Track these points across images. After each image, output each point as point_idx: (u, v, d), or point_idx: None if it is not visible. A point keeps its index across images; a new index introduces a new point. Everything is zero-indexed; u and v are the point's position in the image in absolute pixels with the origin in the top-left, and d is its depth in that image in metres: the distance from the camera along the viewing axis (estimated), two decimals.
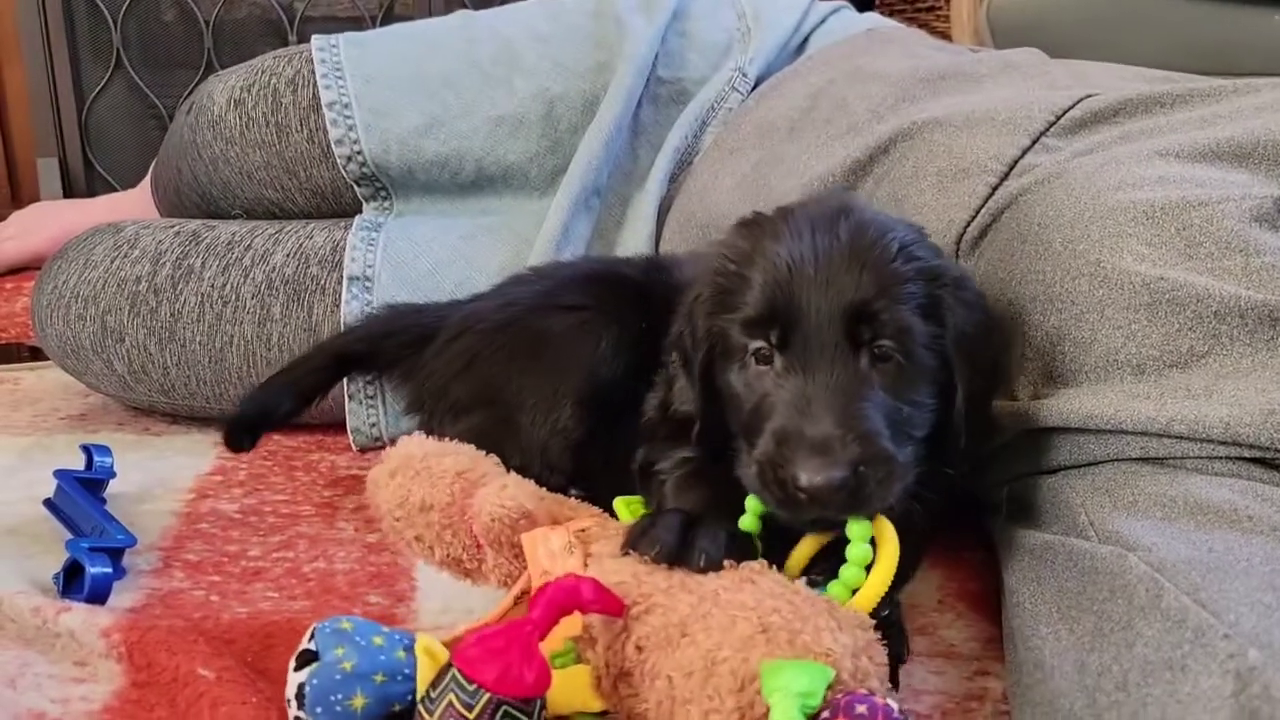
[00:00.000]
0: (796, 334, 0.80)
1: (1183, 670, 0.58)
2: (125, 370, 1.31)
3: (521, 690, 0.67)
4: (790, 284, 0.80)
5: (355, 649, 0.73)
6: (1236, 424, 0.75)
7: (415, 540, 0.92)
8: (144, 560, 1.02)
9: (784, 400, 0.79)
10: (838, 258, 0.80)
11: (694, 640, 0.70)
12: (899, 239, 0.83)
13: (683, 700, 0.69)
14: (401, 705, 0.73)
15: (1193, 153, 0.95)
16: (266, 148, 1.39)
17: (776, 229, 0.85)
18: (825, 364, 0.79)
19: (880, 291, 0.80)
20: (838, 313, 0.79)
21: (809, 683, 0.65)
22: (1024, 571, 0.79)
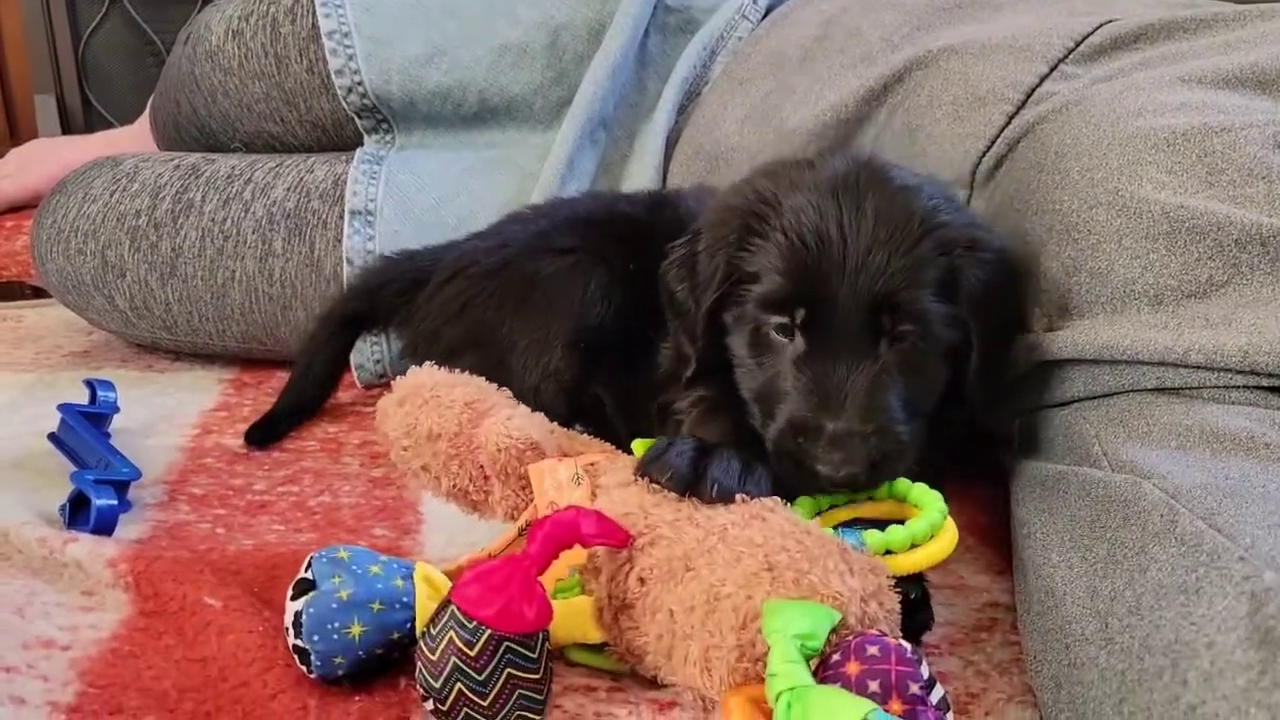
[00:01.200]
0: (821, 317, 0.80)
1: (1197, 593, 0.57)
2: (127, 306, 1.30)
3: (522, 626, 0.66)
4: (818, 265, 0.80)
5: (352, 577, 0.72)
6: (1255, 352, 0.73)
7: (422, 470, 0.91)
8: (149, 493, 1.02)
9: (804, 387, 0.80)
10: (865, 239, 0.80)
11: (698, 575, 0.69)
12: (922, 209, 0.82)
13: (683, 635, 0.68)
14: (400, 633, 0.73)
15: (1215, 79, 0.93)
16: (265, 79, 1.36)
17: (803, 185, 0.84)
18: (847, 352, 0.79)
19: (906, 280, 0.80)
20: (864, 302, 0.79)
21: (811, 624, 0.63)
22: (1036, 502, 0.79)
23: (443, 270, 1.11)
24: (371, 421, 1.18)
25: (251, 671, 0.74)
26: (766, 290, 0.82)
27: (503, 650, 0.66)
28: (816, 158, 0.89)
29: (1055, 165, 0.93)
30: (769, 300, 0.82)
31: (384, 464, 1.09)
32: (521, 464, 0.85)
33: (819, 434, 0.77)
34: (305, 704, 0.72)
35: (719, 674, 0.66)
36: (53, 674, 0.75)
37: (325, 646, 0.71)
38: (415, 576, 0.74)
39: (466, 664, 0.66)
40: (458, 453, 0.89)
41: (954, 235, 0.83)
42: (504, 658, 0.66)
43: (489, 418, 0.89)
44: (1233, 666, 0.52)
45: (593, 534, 0.71)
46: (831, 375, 0.79)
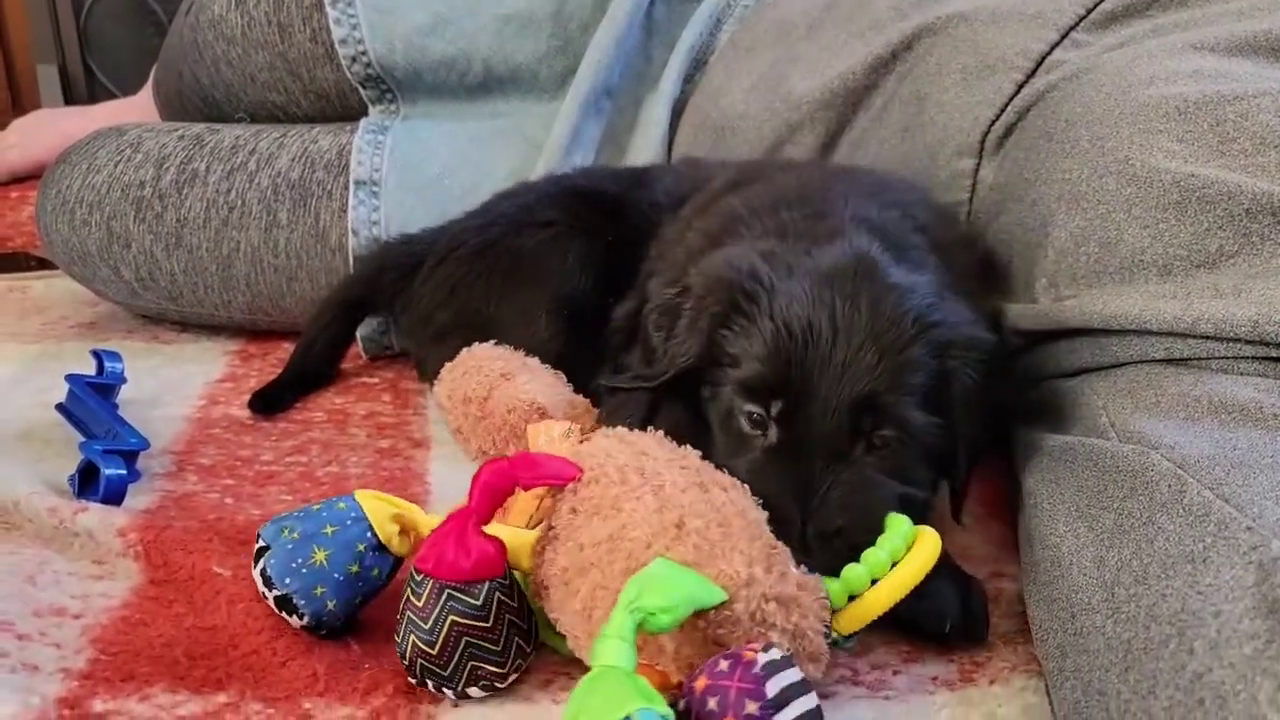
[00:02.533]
0: (799, 414, 0.76)
1: (1204, 562, 0.57)
2: (133, 277, 1.30)
3: (458, 574, 0.67)
4: (803, 358, 0.77)
5: (295, 521, 0.75)
6: (1265, 322, 0.73)
7: (457, 431, 0.99)
8: (157, 464, 1.02)
9: (774, 481, 0.75)
10: (856, 337, 0.77)
11: (618, 514, 0.68)
12: (918, 308, 0.79)
13: (582, 568, 0.68)
14: (365, 544, 0.74)
15: (1228, 46, 0.92)
16: (269, 48, 1.35)
17: (799, 270, 0.81)
18: (822, 451, 0.76)
19: (892, 383, 0.76)
20: (846, 402, 0.76)
21: (671, 598, 0.61)
22: (1043, 473, 0.79)
23: (434, 254, 1.13)
24: (377, 393, 1.20)
25: (261, 639, 0.75)
26: (745, 376, 0.79)
27: (445, 598, 0.67)
28: (814, 250, 0.85)
29: (1065, 134, 0.92)
30: (746, 386, 0.79)
31: (391, 435, 1.10)
32: (527, 424, 0.88)
33: (794, 532, 0.73)
34: (315, 670, 0.72)
35: (597, 617, 0.65)
36: (65, 641, 0.75)
37: (300, 583, 0.73)
38: (357, 496, 0.76)
39: (415, 614, 0.68)
40: (484, 415, 0.94)
41: (948, 337, 0.80)
42: (447, 604, 0.67)
43: (504, 384, 0.92)
44: (1240, 635, 0.52)
45: (529, 477, 0.70)
46: (802, 473, 0.75)
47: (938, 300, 0.82)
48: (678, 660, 0.65)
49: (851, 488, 0.75)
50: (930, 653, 0.76)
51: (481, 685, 0.69)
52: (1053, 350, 0.90)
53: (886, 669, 0.74)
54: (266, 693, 0.71)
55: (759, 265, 0.82)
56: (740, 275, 0.82)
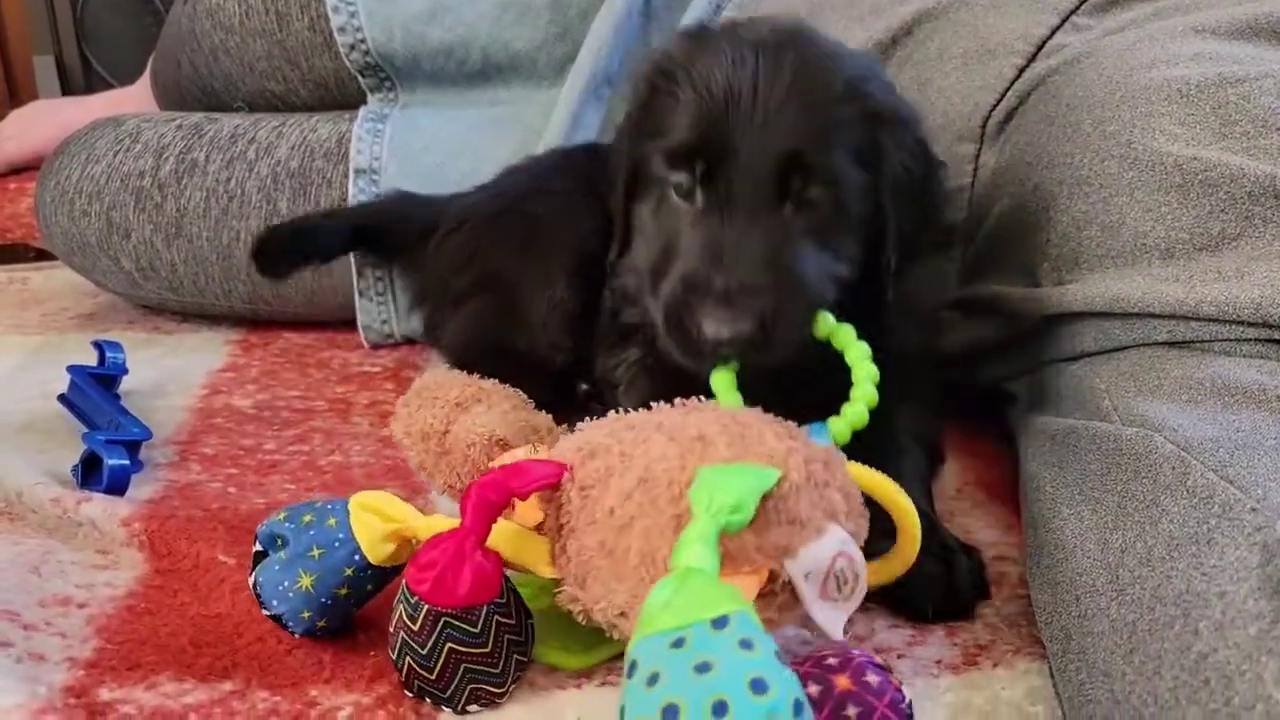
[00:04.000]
0: (722, 172, 0.75)
1: (1209, 544, 0.57)
2: (133, 267, 1.30)
3: (454, 601, 0.64)
4: (724, 116, 0.75)
5: (288, 534, 0.73)
6: (1268, 305, 0.73)
7: (420, 468, 0.91)
8: (160, 454, 1.02)
9: (698, 242, 0.75)
10: (779, 94, 0.75)
11: (633, 465, 0.65)
12: (846, 75, 0.78)
13: (621, 527, 0.64)
14: (354, 567, 0.71)
15: (1230, 29, 0.92)
16: (267, 37, 1.35)
17: (717, 46, 0.79)
18: (747, 208, 0.74)
19: (817, 138, 0.75)
20: (770, 158, 0.74)
21: (739, 491, 0.59)
22: (1045, 457, 0.79)
23: (449, 221, 1.12)
24: (379, 381, 1.20)
25: (266, 627, 0.75)
26: (668, 144, 0.78)
27: (441, 625, 0.65)
28: (744, 21, 0.84)
29: (1066, 118, 0.92)
30: (670, 153, 0.78)
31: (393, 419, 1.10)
32: (490, 458, 0.82)
33: (706, 289, 0.72)
34: (320, 658, 0.72)
35: (663, 557, 0.61)
36: (70, 631, 0.75)
37: (287, 607, 0.72)
38: (350, 506, 0.72)
39: (411, 638, 0.66)
40: (444, 451, 0.87)
41: (879, 107, 0.79)
42: (444, 632, 0.65)
43: (462, 417, 0.86)
44: (1244, 616, 0.53)
45: (523, 484, 0.67)
46: (727, 230, 0.74)
47: (871, 74, 0.81)
48: (762, 551, 0.61)
49: (771, 244, 0.74)
50: (934, 636, 0.76)
51: (481, 703, 0.67)
52: (1055, 334, 0.90)
53: (890, 652, 0.74)
54: (272, 681, 0.71)
55: (673, 46, 0.81)
56: (654, 60, 0.81)
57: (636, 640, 0.54)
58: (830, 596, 0.61)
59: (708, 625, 0.52)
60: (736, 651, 0.51)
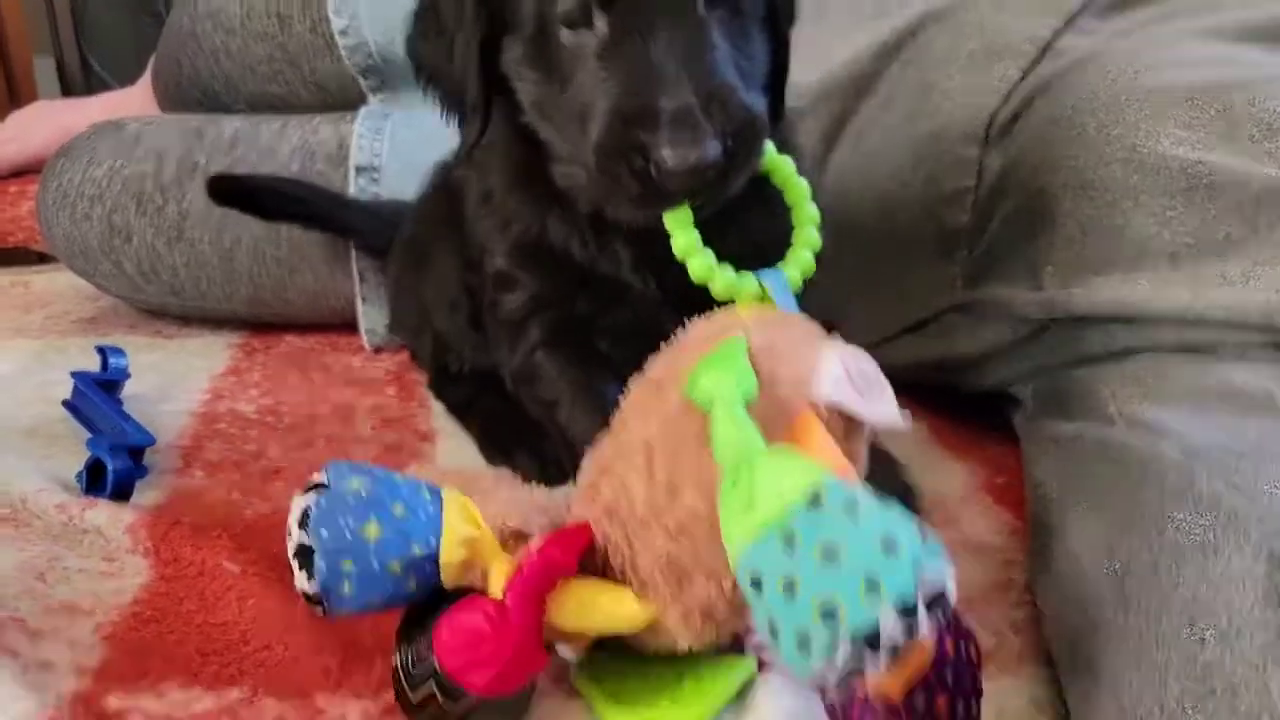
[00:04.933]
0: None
1: (1215, 552, 0.57)
2: (134, 271, 1.30)
3: (513, 687, 0.61)
4: None
5: (372, 479, 0.63)
6: (1275, 310, 0.74)
7: None
8: (164, 459, 1.02)
9: (623, 72, 0.64)
10: None
11: (631, 448, 0.61)
12: None
13: (668, 496, 0.59)
14: (423, 550, 0.62)
15: (1236, 32, 0.92)
16: (268, 39, 1.35)
17: None
18: (665, 18, 0.64)
19: None
20: None
21: (729, 365, 0.57)
22: (1051, 462, 0.79)
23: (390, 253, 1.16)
24: (382, 386, 1.20)
25: (273, 635, 0.75)
26: None
27: (483, 703, 0.61)
28: None
29: (1071, 121, 0.92)
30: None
31: (397, 428, 1.10)
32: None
33: (654, 118, 0.62)
34: (327, 665, 0.72)
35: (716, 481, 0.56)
36: (77, 638, 0.75)
37: (334, 545, 0.60)
38: (445, 497, 0.64)
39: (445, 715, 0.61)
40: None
41: None
42: (484, 707, 0.61)
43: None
44: (1251, 625, 0.53)
45: (564, 553, 0.61)
46: (653, 48, 0.63)
47: None
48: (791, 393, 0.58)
49: (704, 52, 0.65)
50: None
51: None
52: (1060, 338, 0.90)
53: None
54: (280, 688, 0.71)
55: None
56: None
57: (740, 552, 0.50)
58: (868, 397, 0.58)
59: (803, 507, 0.49)
60: (847, 522, 0.48)
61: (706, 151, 0.62)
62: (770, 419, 0.56)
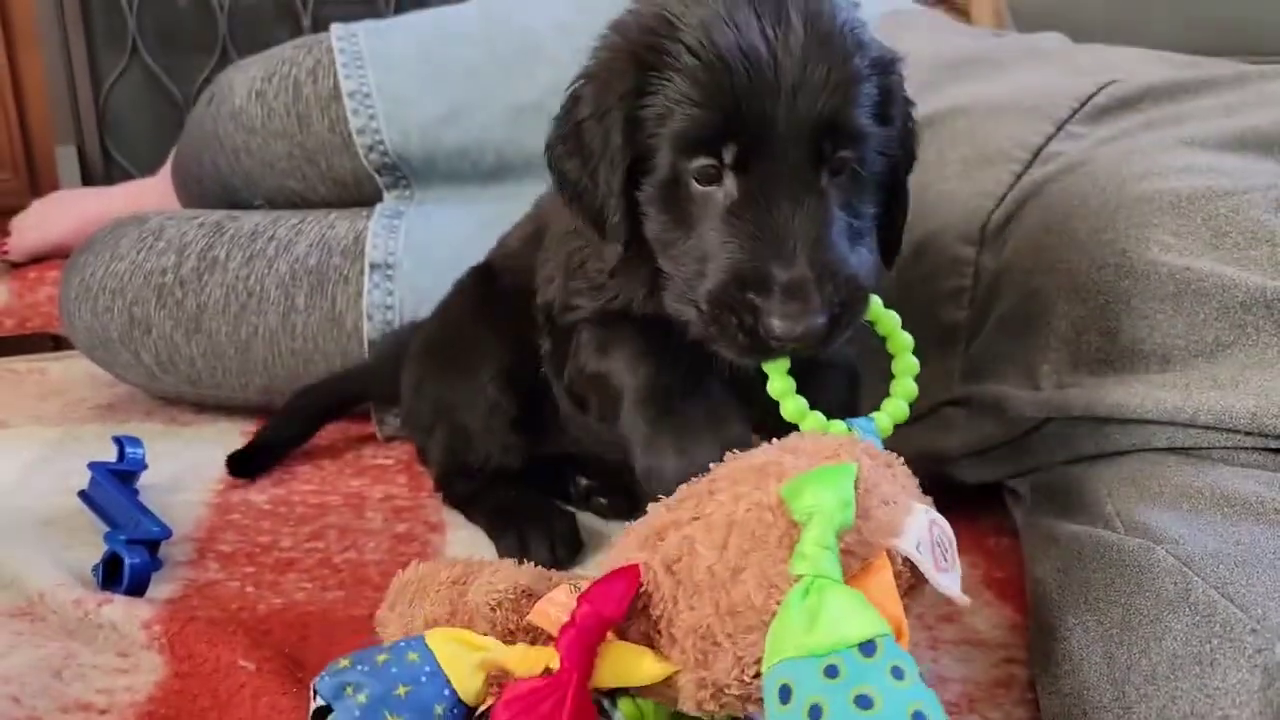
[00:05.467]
0: (757, 151, 0.68)
1: (1211, 665, 0.59)
2: (153, 361, 1.33)
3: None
4: (747, 86, 0.67)
5: (362, 678, 0.66)
6: (1263, 415, 0.75)
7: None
8: (179, 551, 1.04)
9: (746, 234, 0.68)
10: (798, 50, 0.68)
11: (711, 520, 0.63)
12: (846, 19, 0.72)
13: (732, 575, 0.61)
14: (444, 704, 0.66)
15: (1218, 141, 0.95)
16: (288, 138, 1.40)
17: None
18: (790, 189, 0.68)
19: (845, 96, 0.69)
20: (807, 126, 0.68)
21: (836, 491, 0.59)
22: (1051, 562, 0.80)
23: (410, 351, 1.17)
24: (392, 474, 1.22)
25: None
26: (683, 128, 0.69)
27: None
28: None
29: (1063, 225, 0.95)
30: (687, 139, 0.69)
31: (408, 518, 1.11)
32: (521, 616, 0.74)
33: (768, 284, 0.67)
34: None
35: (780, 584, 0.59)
36: None
37: None
38: (429, 641, 0.68)
39: None
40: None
41: (883, 53, 0.74)
42: None
43: (474, 584, 0.78)
44: None
45: (617, 605, 0.63)
46: (776, 216, 0.68)
47: (856, 13, 0.74)
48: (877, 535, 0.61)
49: (821, 224, 0.68)
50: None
51: None
52: (1057, 436, 0.92)
53: None
54: None
55: (648, 13, 0.72)
56: (633, 33, 0.72)
57: (782, 660, 0.54)
58: (941, 565, 0.61)
59: (857, 651, 0.53)
60: (892, 682, 0.52)
61: (814, 323, 0.67)
62: (851, 549, 0.60)
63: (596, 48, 0.78)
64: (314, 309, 1.30)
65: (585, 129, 0.76)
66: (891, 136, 0.75)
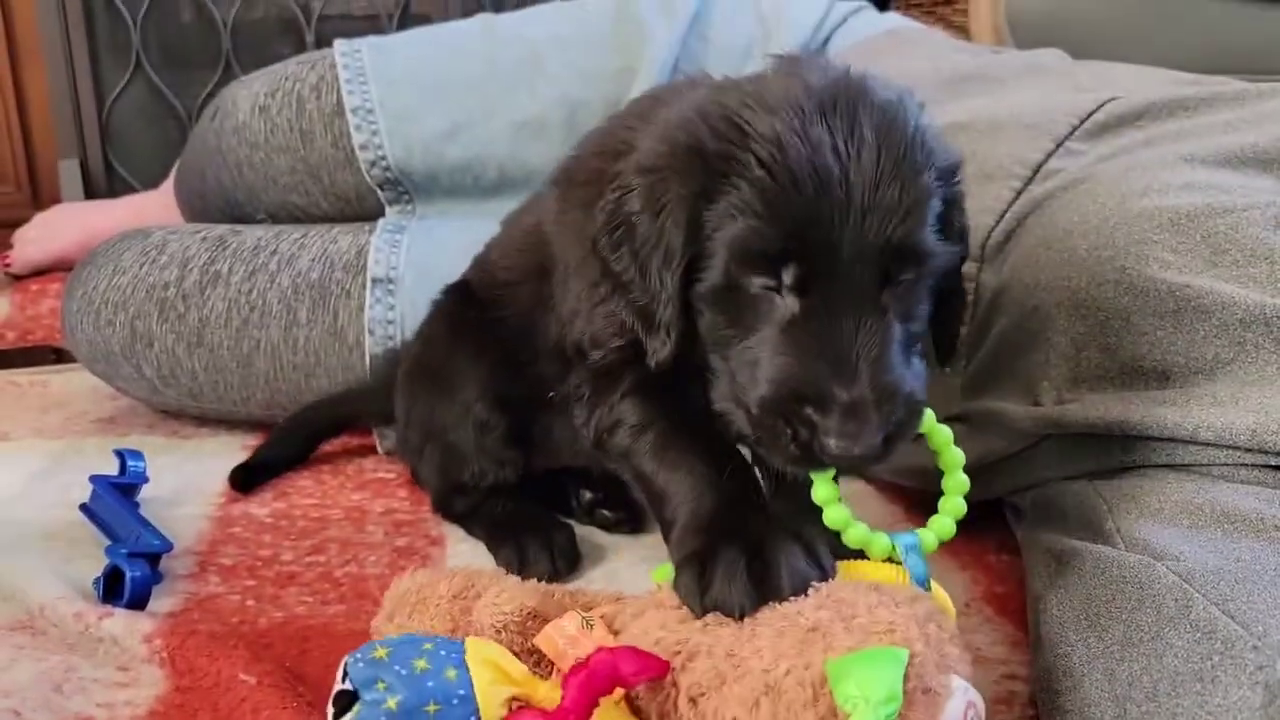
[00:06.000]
0: (819, 275, 0.67)
1: (1212, 682, 0.59)
2: (154, 375, 1.33)
3: None
4: (816, 209, 0.66)
5: (398, 680, 0.64)
6: (1263, 431, 0.76)
7: None
8: (180, 564, 1.04)
9: (805, 347, 0.67)
10: (869, 170, 0.66)
11: (748, 668, 0.64)
12: (915, 130, 0.70)
13: (769, 708, 0.61)
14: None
15: (1218, 158, 0.96)
16: (291, 153, 1.40)
17: (777, 104, 0.69)
18: (853, 308, 0.67)
19: (914, 218, 0.68)
20: (874, 250, 0.67)
21: (886, 679, 0.58)
22: (1051, 578, 0.80)
23: (398, 377, 1.17)
24: (393, 488, 1.22)
25: None
26: (745, 240, 0.68)
27: None
28: (774, 71, 0.75)
29: (1063, 242, 0.95)
30: (749, 252, 0.68)
31: (408, 532, 1.11)
32: (526, 638, 0.75)
33: (827, 403, 0.66)
34: None
35: None
36: None
37: None
38: (468, 660, 0.67)
39: None
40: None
41: (949, 162, 0.73)
42: None
43: (479, 603, 0.79)
44: None
45: (632, 671, 0.64)
46: (839, 337, 0.66)
47: (923, 116, 0.73)
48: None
49: (881, 343, 0.67)
50: None
51: None
52: (1058, 452, 0.92)
53: None
54: None
55: (718, 111, 0.70)
56: (703, 136, 0.70)
57: None
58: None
59: None
60: None
61: (871, 444, 0.66)
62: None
63: (655, 141, 0.75)
64: (316, 323, 1.31)
65: (638, 223, 0.74)
66: (955, 252, 0.74)
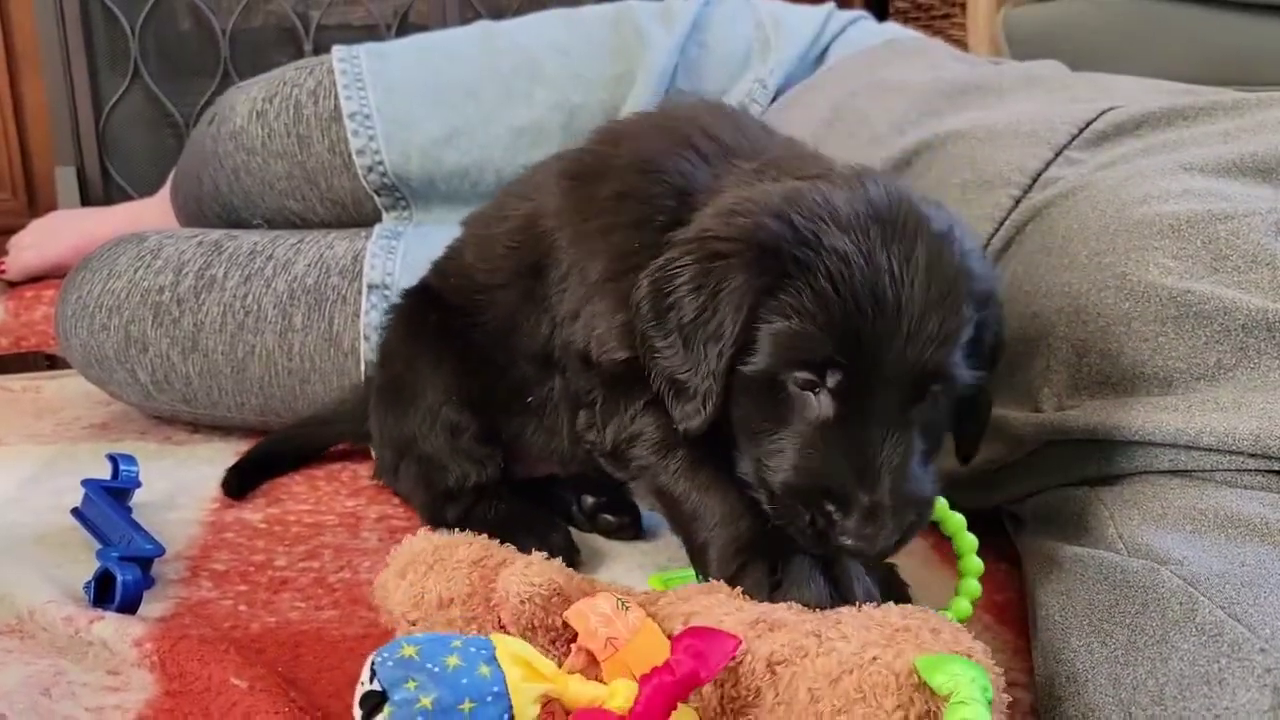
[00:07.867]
0: (858, 386, 0.73)
1: (1220, 684, 0.58)
2: (148, 380, 1.32)
3: None
4: (871, 327, 0.72)
5: (430, 679, 0.62)
6: (1266, 436, 0.75)
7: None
8: (172, 569, 1.03)
9: (834, 448, 0.74)
10: (918, 299, 0.73)
11: (833, 648, 0.65)
12: (960, 261, 0.77)
13: (835, 711, 0.63)
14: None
15: (1216, 167, 0.96)
16: (288, 158, 1.40)
17: (844, 222, 0.75)
18: (882, 419, 0.73)
19: (950, 343, 0.75)
20: (912, 372, 0.73)
21: (980, 677, 0.61)
22: (1053, 584, 0.80)
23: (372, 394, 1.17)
24: (388, 495, 1.21)
25: None
26: (800, 343, 0.74)
27: None
28: (840, 178, 0.81)
29: (1063, 249, 0.95)
30: (797, 353, 0.74)
31: (403, 538, 1.10)
32: (549, 614, 0.75)
33: (849, 504, 0.72)
34: None
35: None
36: None
37: None
38: (500, 656, 0.65)
39: None
40: (475, 615, 0.80)
41: (986, 290, 0.79)
42: None
43: (505, 570, 0.79)
44: None
45: (711, 670, 0.64)
46: (866, 444, 0.73)
47: (969, 245, 0.79)
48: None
49: (906, 454, 0.73)
50: None
51: None
52: (1059, 459, 0.91)
53: None
54: None
55: (800, 222, 0.75)
56: (786, 238, 0.75)
57: None
58: None
59: None
60: None
61: (884, 545, 0.73)
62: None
63: (727, 221, 0.79)
64: (311, 329, 1.30)
65: (690, 299, 0.78)
66: (981, 376, 0.79)
